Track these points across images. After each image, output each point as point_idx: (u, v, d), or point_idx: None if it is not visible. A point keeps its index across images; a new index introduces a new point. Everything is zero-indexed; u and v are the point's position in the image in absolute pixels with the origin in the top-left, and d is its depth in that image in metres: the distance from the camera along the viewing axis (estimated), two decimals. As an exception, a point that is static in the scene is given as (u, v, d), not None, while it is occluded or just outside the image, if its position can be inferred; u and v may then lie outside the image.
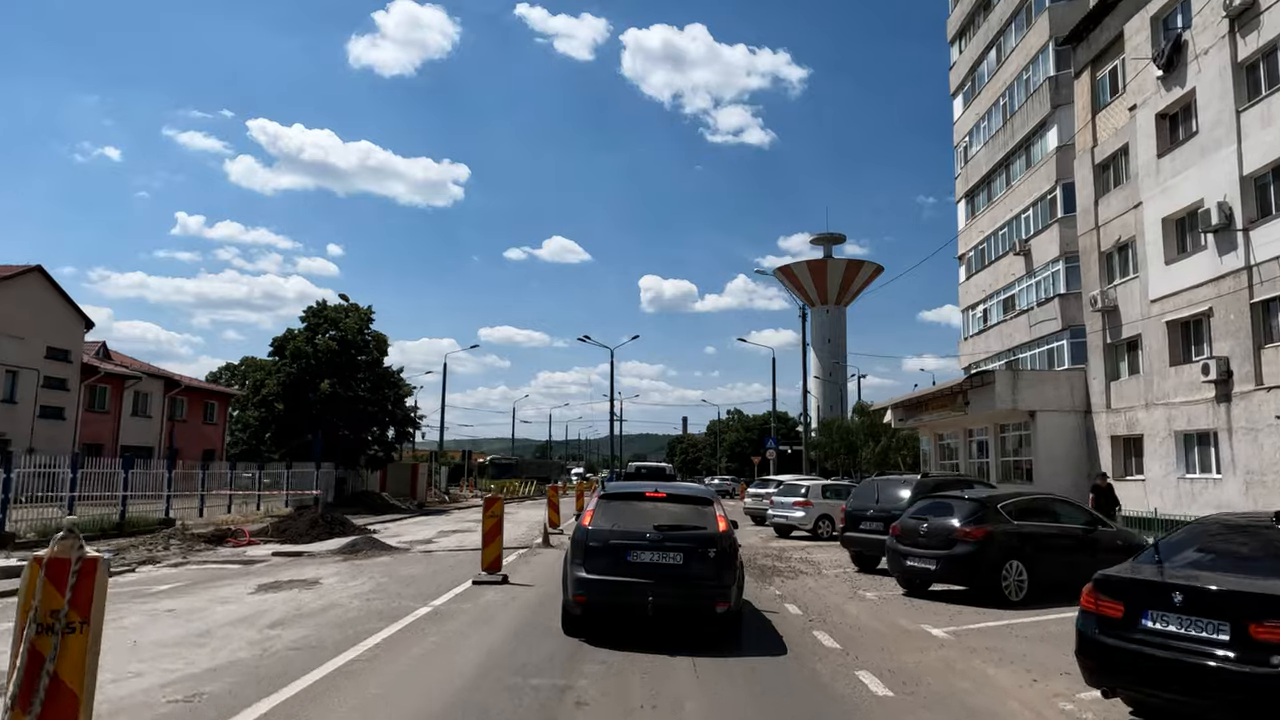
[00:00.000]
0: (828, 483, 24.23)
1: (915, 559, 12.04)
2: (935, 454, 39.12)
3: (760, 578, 14.34)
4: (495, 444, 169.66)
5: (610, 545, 8.34)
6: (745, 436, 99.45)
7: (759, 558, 17.72)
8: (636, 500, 8.98)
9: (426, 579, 13.29)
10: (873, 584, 13.81)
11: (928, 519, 12.23)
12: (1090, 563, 12.35)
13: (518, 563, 15.71)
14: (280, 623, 9.42)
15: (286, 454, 35.58)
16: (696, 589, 8.23)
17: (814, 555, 18.49)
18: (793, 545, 21.07)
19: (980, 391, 29.35)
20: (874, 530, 14.97)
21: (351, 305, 38.58)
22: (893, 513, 14.73)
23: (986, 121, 40.65)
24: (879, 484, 15.60)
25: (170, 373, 51.09)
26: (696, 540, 8.38)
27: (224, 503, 28.33)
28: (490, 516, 12.69)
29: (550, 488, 23.34)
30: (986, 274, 39.91)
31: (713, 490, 10.48)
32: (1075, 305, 31.64)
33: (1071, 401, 28.07)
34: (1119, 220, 26.27)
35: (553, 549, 18.25)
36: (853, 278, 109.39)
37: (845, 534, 15.58)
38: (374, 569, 14.67)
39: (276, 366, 36.25)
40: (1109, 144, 27.02)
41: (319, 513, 22.78)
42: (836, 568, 16.13)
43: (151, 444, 47.60)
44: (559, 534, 22.12)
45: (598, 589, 8.26)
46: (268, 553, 17.86)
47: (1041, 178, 34.13)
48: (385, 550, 17.68)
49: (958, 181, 44.42)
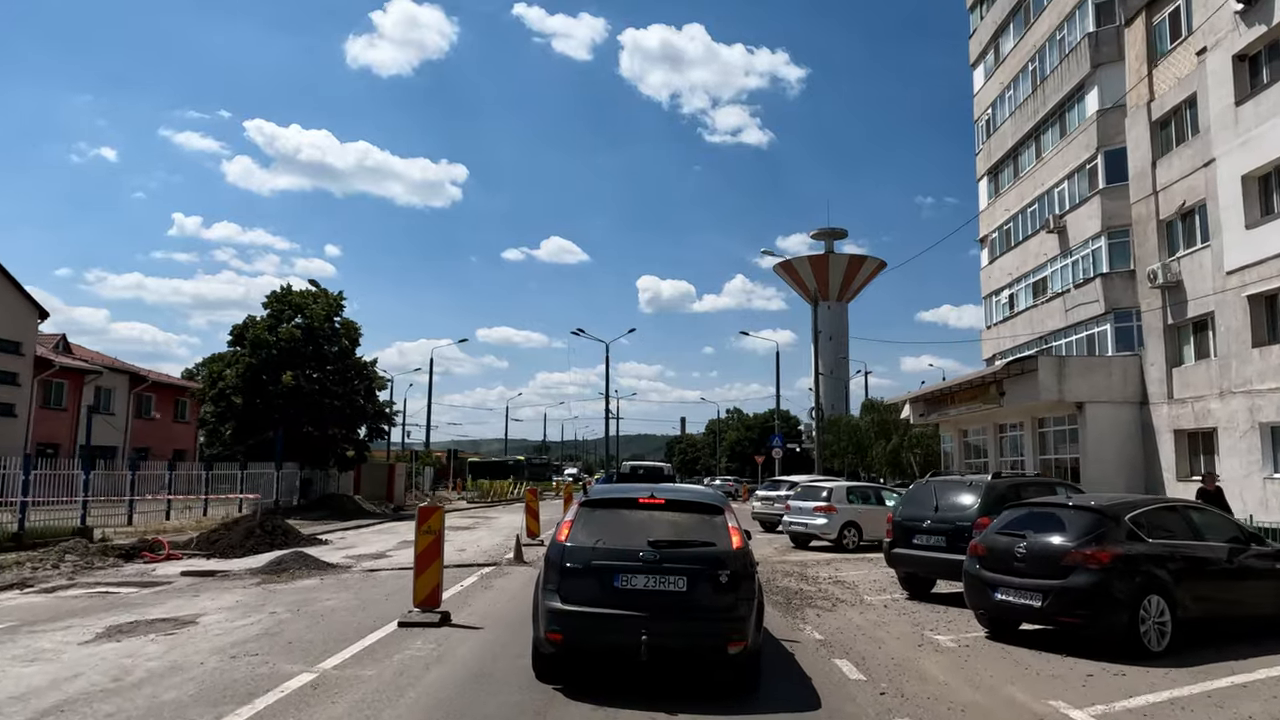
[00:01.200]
0: (853, 484, 20.87)
1: (1010, 591, 8.70)
2: (959, 452, 35.77)
3: (786, 608, 11.00)
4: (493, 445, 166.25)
5: (593, 567, 6.56)
6: (746, 435, 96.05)
7: (778, 577, 14.38)
8: (627, 508, 7.07)
9: (343, 616, 9.93)
10: (938, 620, 10.47)
11: (1026, 536, 8.88)
12: (1247, 592, 9.16)
13: (475, 588, 12.35)
14: (63, 708, 6.06)
15: (246, 453, 32.27)
16: (705, 624, 6.44)
17: (845, 573, 15.15)
18: (815, 559, 17.73)
19: (1019, 381, 26.02)
20: (932, 546, 11.64)
21: (320, 291, 35.15)
22: (958, 524, 11.41)
23: (1012, 90, 37.31)
24: (936, 487, 12.22)
25: (136, 367, 47.81)
26: (704, 560, 6.59)
27: (163, 508, 24.96)
28: (425, 534, 9.31)
29: (529, 490, 19.95)
30: (1013, 256, 36.59)
31: (722, 495, 8.21)
32: (1122, 285, 28.34)
33: (1124, 391, 24.73)
34: (1184, 183, 22.93)
35: (526, 566, 14.89)
36: (855, 273, 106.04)
37: (893, 550, 12.23)
38: (286, 598, 11.31)
39: (235, 357, 32.82)
40: (1169, 97, 23.68)
41: (257, 521, 19.40)
42: (879, 592, 12.80)
43: (116, 444, 44.50)
44: (539, 545, 18.76)
45: (577, 624, 6.46)
46: (177, 571, 14.55)
47: (1079, 146, 30.80)
48: (317, 569, 14.30)
49: (979, 158, 41.10)
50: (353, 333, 34.86)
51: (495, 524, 26.92)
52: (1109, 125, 29.05)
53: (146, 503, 24.26)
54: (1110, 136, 29.11)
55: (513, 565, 14.99)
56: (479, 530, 24.55)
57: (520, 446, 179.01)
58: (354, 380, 34.20)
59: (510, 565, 15.01)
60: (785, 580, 14.04)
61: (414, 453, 51.49)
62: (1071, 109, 32.01)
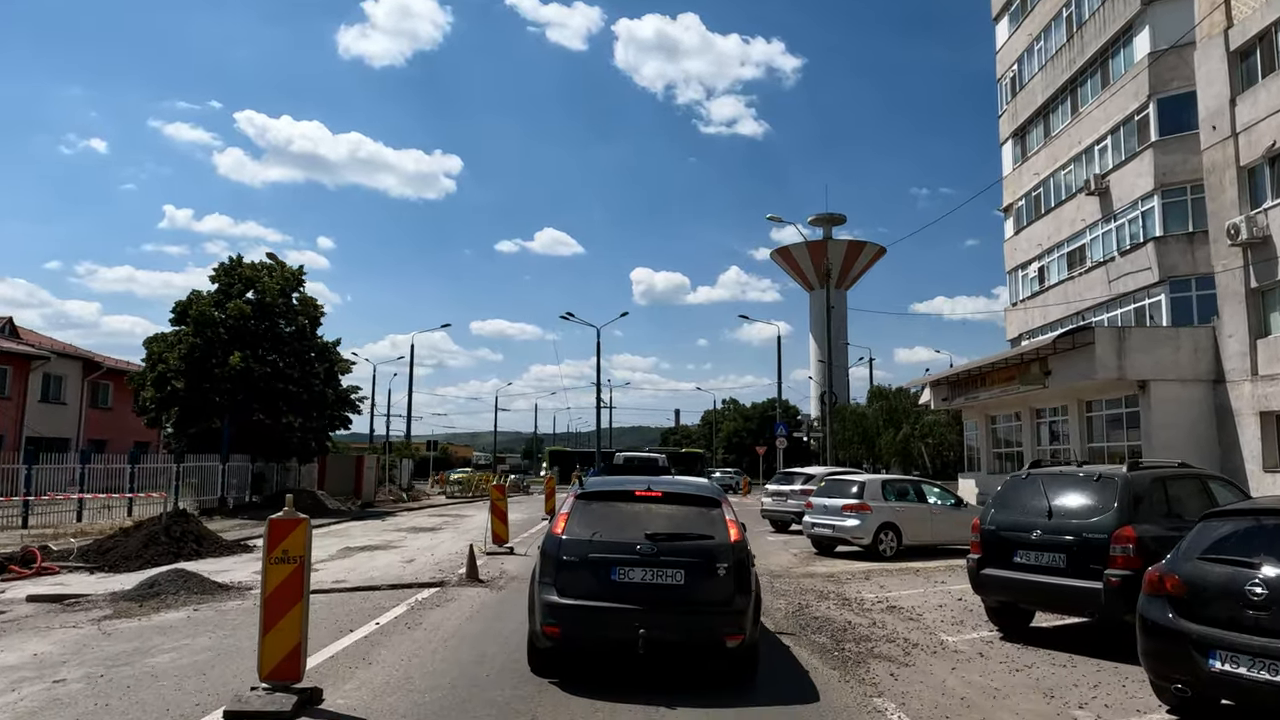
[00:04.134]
0: (890, 477, 17.37)
1: (1241, 659, 5.21)
2: (986, 441, 32.34)
3: (839, 658, 7.53)
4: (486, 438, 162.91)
5: (590, 560, 6.49)
6: (744, 426, 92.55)
7: (811, 599, 10.91)
8: (623, 500, 7.01)
9: (162, 689, 6.39)
10: (1076, 682, 6.98)
11: (1260, 566, 5.39)
12: None
13: (395, 628, 8.81)
14: None
15: (191, 444, 28.73)
16: (702, 618, 6.39)
17: (895, 593, 11.68)
18: (848, 570, 14.25)
19: (1068, 358, 22.58)
20: (1045, 567, 8.14)
21: (276, 262, 31.46)
22: (1086, 537, 7.92)
23: (1043, 41, 33.78)
24: (1045, 483, 8.66)
25: (90, 353, 44.21)
26: (702, 552, 6.54)
27: (74, 509, 21.40)
28: (278, 563, 5.76)
29: (494, 486, 16.36)
30: (1044, 224, 33.14)
31: (718, 487, 7.84)
32: (1179, 249, 24.94)
33: (1195, 368, 21.30)
34: (1273, 120, 19.45)
35: (481, 588, 11.36)
36: (854, 260, 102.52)
37: (984, 570, 8.72)
38: (112, 648, 7.78)
39: (178, 337, 29.15)
40: (1253, 21, 20.20)
41: (162, 526, 15.83)
42: (957, 627, 9.33)
43: (68, 434, 41.07)
44: (506, 554, 15.25)
45: (574, 618, 6.35)
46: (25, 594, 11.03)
47: (1126, 96, 27.33)
48: (198, 595, 10.71)
49: (1002, 120, 37.61)
50: (312, 310, 31.19)
51: (466, 524, 23.41)
52: (1164, 69, 25.61)
53: (51, 503, 20.72)
54: (1165, 81, 25.67)
55: (462, 586, 11.44)
56: (443, 533, 21.04)
57: (514, 439, 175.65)
58: (314, 363, 30.58)
59: (459, 586, 11.46)
60: (823, 606, 10.55)
61: (388, 444, 47.77)
62: (1116, 55, 28.53)
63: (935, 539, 16.55)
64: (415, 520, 26.15)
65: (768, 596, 11.25)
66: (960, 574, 13.96)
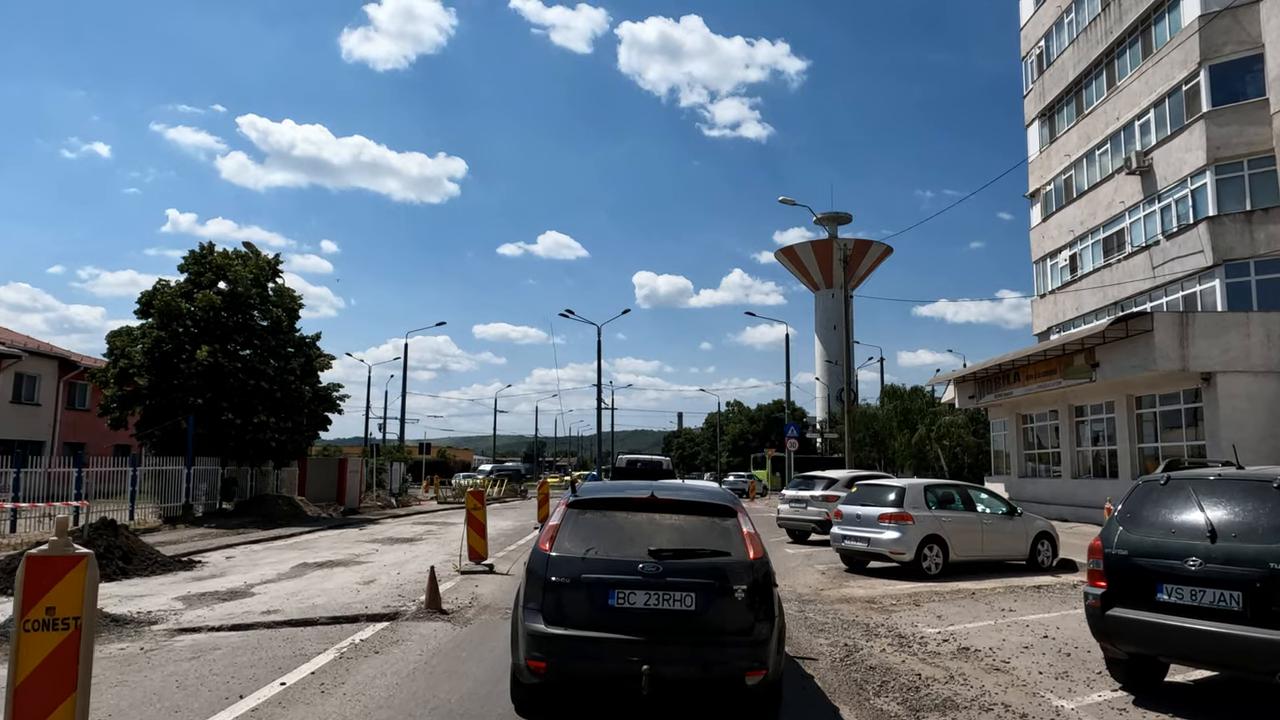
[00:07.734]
0: (932, 481, 15.01)
1: None
2: (1017, 442, 29.97)
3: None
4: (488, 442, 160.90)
5: (583, 581, 5.53)
6: (749, 428, 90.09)
7: (860, 637, 8.57)
8: (623, 510, 5.99)
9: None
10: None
11: None
12: None
13: (319, 682, 6.46)
14: None
15: (157, 446, 26.53)
16: (718, 650, 5.41)
17: (961, 627, 9.33)
18: (891, 594, 11.90)
19: (1120, 348, 20.24)
20: (1209, 610, 5.82)
21: (249, 250, 29.20)
22: (1276, 569, 5.58)
23: (1074, 12, 31.48)
24: (1198, 491, 6.30)
25: (66, 352, 42.11)
26: (716, 572, 5.55)
27: (7, 518, 19.12)
28: (38, 630, 3.46)
29: (471, 492, 14.09)
30: (1076, 208, 30.82)
31: (732, 493, 6.58)
32: (1235, 229, 22.63)
33: (1268, 358, 18.95)
34: (1361, 74, 17.15)
35: (442, 622, 9.03)
36: (860, 258, 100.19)
37: (1112, 610, 6.38)
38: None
39: (142, 330, 26.92)
40: (1334, -35, 17.89)
41: (85, 538, 13.55)
42: (1064, 682, 7.00)
43: (43, 437, 39.06)
44: (484, 572, 12.95)
45: (564, 650, 5.40)
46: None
47: (1172, 64, 25.03)
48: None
49: (1028, 100, 35.32)
50: (289, 301, 28.92)
51: (449, 534, 21.08)
52: (1215, 34, 23.32)
53: (-21, 511, 18.45)
54: (1218, 47, 23.38)
55: (419, 620, 9.09)
56: (421, 545, 18.74)
57: (515, 442, 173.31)
58: (290, 359, 28.31)
59: (415, 620, 9.12)
60: (876, 648, 8.20)
61: (375, 446, 45.41)
62: (1159, 21, 26.22)
63: (986, 553, 14.23)
64: (395, 529, 23.83)
65: (802, 631, 8.95)
66: (1029, 599, 11.63)
